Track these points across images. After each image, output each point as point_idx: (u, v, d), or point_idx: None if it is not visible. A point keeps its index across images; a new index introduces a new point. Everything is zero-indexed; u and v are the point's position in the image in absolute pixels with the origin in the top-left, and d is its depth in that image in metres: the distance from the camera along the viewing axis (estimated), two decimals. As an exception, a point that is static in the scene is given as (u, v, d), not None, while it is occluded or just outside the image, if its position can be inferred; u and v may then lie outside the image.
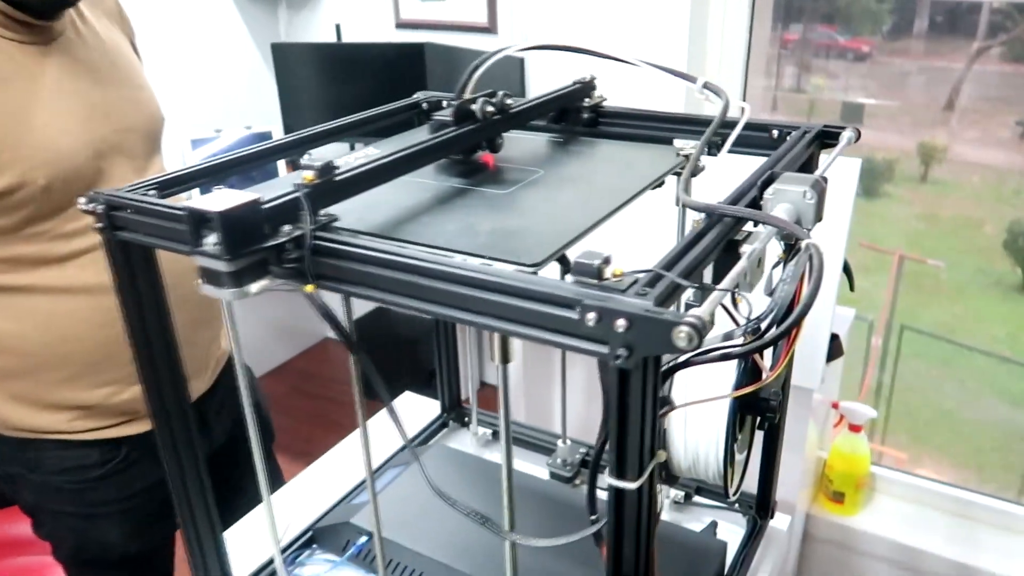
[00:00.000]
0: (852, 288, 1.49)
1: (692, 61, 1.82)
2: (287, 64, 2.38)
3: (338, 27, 2.49)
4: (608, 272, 0.45)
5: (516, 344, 0.67)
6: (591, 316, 0.42)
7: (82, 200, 0.59)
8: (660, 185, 0.74)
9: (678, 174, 0.79)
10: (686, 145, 0.78)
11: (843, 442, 1.64)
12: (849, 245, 1.34)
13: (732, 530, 0.94)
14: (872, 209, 2.13)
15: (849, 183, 1.25)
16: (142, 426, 1.00)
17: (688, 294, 0.50)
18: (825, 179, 0.59)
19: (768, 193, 0.58)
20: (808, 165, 0.74)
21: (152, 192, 0.63)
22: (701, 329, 0.40)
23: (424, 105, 0.95)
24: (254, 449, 0.65)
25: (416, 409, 1.21)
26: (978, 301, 2.14)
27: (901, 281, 2.16)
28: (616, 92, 0.88)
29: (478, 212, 0.62)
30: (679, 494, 0.98)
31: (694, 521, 0.95)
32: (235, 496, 0.94)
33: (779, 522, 0.97)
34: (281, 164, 2.04)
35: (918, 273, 2.16)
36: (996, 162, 1.94)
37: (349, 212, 0.59)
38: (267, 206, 0.51)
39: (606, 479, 0.49)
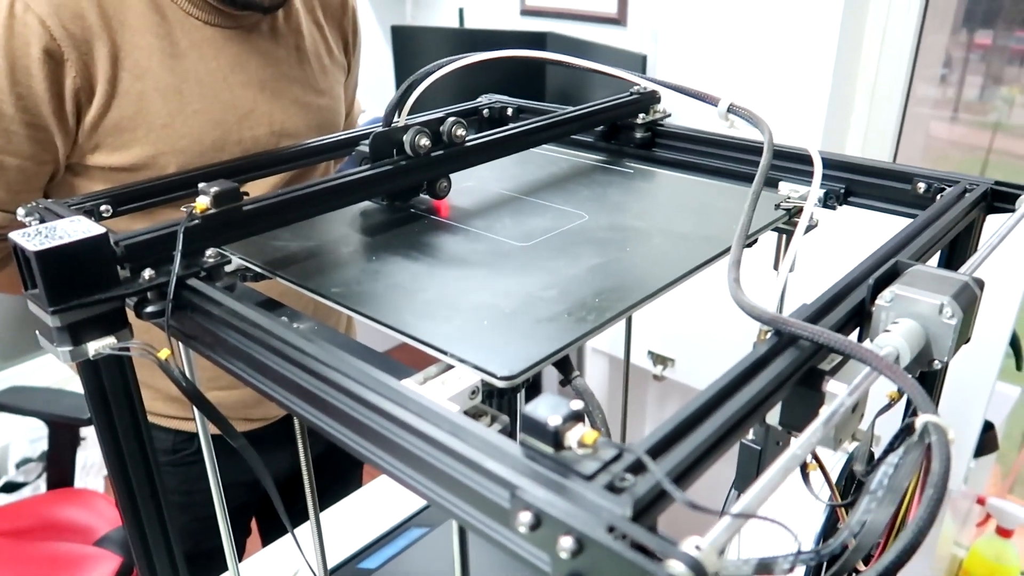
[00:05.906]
0: (1020, 367, 1.21)
1: (842, 60, 1.55)
2: (406, 47, 2.27)
3: (461, 11, 2.37)
4: (572, 438, 0.28)
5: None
6: (525, 518, 0.26)
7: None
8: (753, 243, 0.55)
9: (780, 231, 0.60)
10: (794, 193, 0.58)
11: (987, 546, 1.34)
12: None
13: None
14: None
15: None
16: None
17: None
18: (980, 283, 0.38)
19: (884, 297, 0.37)
20: (965, 237, 0.52)
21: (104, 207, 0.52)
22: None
23: (485, 112, 0.83)
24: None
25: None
26: None
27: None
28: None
29: (459, 272, 0.47)
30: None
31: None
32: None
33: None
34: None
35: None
36: None
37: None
38: (127, 243, 0.37)
39: None
